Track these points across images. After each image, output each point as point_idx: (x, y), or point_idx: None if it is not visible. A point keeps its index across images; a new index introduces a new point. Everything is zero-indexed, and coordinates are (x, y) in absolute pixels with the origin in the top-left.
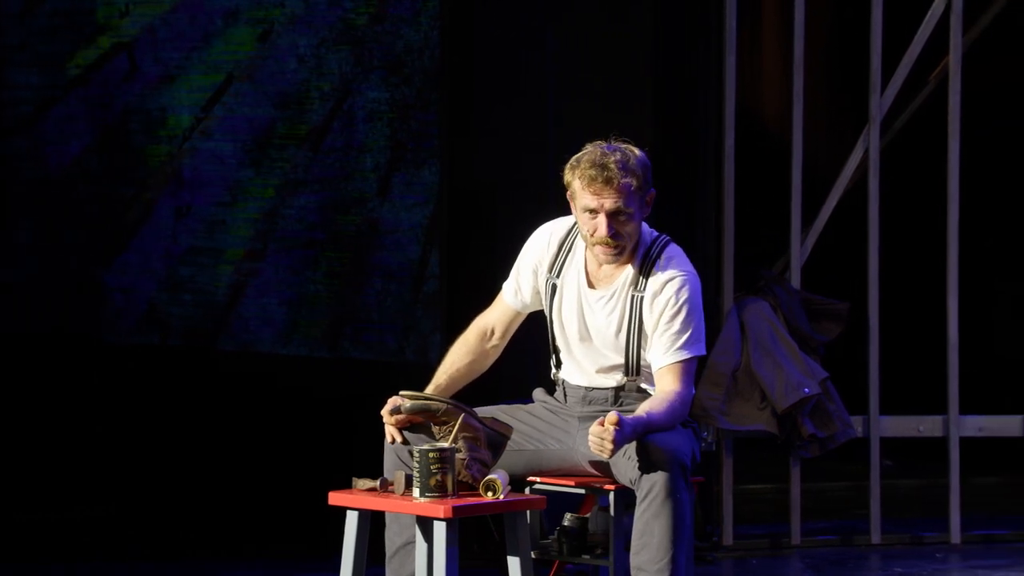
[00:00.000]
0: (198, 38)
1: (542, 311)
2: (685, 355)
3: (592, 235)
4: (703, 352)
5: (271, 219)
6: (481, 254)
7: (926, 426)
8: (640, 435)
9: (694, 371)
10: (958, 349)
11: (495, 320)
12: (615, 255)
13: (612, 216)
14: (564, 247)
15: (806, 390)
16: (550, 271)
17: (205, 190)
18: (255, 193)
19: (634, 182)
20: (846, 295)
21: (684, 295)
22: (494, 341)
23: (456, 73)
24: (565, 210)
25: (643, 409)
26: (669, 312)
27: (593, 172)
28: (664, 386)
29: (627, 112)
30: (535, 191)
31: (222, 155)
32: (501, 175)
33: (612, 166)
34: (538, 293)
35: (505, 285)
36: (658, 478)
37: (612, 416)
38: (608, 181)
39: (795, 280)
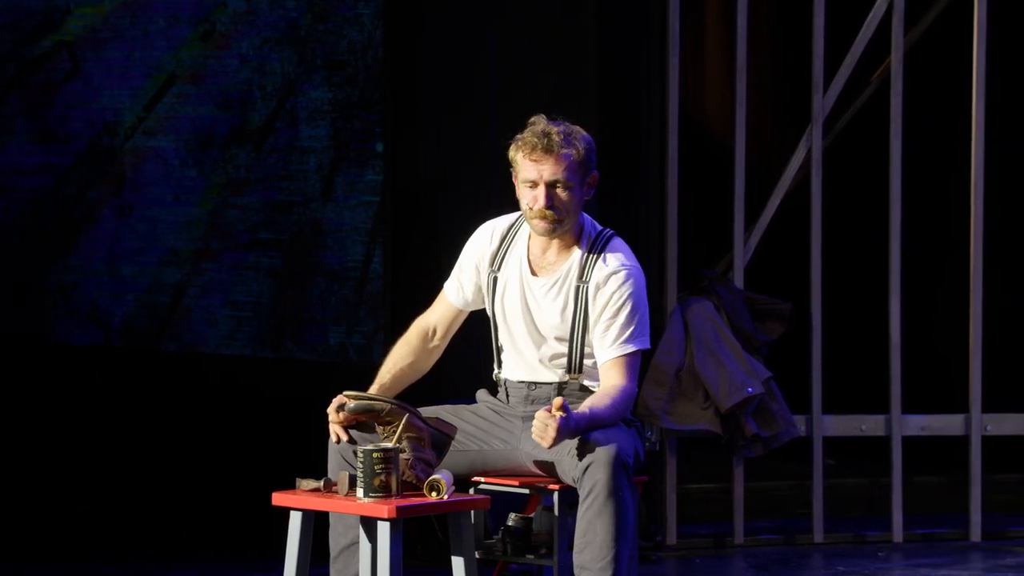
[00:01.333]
0: (140, 38)
1: (483, 310)
2: (630, 348)
3: (532, 207)
4: (647, 346)
5: (214, 219)
6: (424, 254)
7: (868, 425)
8: (583, 430)
9: (638, 365)
10: (900, 349)
11: (436, 319)
12: (552, 228)
13: (550, 187)
14: (506, 241)
15: (749, 390)
16: (491, 265)
17: (147, 190)
18: (198, 193)
19: (574, 153)
20: (789, 295)
21: (629, 288)
22: (436, 341)
23: (399, 73)
24: (508, 209)
25: (586, 405)
26: (614, 305)
27: (534, 140)
28: (608, 380)
29: (570, 113)
30: (479, 191)
31: (164, 155)
32: (445, 175)
33: (554, 136)
34: (480, 290)
35: (447, 284)
36: (600, 477)
37: (558, 401)
38: (548, 149)
39: (738, 280)
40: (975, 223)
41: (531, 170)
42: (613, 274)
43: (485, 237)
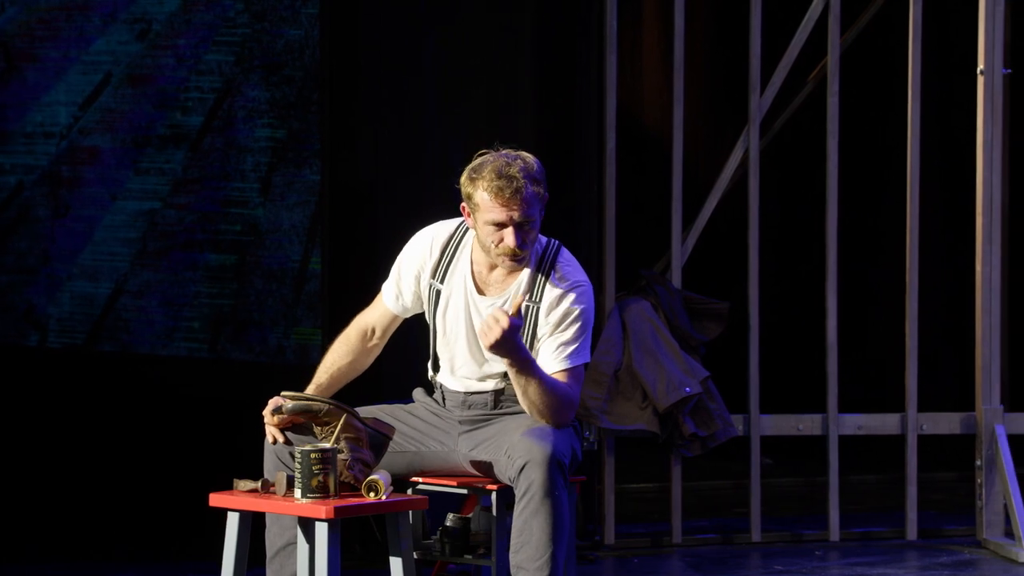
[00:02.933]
0: (76, 37)
1: (422, 315)
2: (576, 362)
3: (497, 246)
4: (588, 359)
5: (150, 219)
6: (363, 254)
7: (805, 424)
8: (523, 365)
9: (582, 376)
10: (837, 348)
11: (375, 320)
12: (520, 263)
13: (519, 227)
14: (447, 252)
15: (687, 389)
16: (433, 276)
17: (84, 190)
18: (134, 193)
19: (539, 190)
20: (727, 295)
21: (580, 307)
22: (375, 340)
23: (337, 73)
24: (447, 208)
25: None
26: (565, 323)
27: (500, 183)
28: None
29: (508, 113)
30: (417, 191)
31: (101, 155)
32: (383, 175)
33: (518, 175)
34: (420, 299)
35: (385, 287)
36: (536, 477)
37: (519, 302)
38: (517, 192)
39: (676, 280)
40: (911, 223)
41: (500, 213)
42: (566, 294)
43: (424, 247)
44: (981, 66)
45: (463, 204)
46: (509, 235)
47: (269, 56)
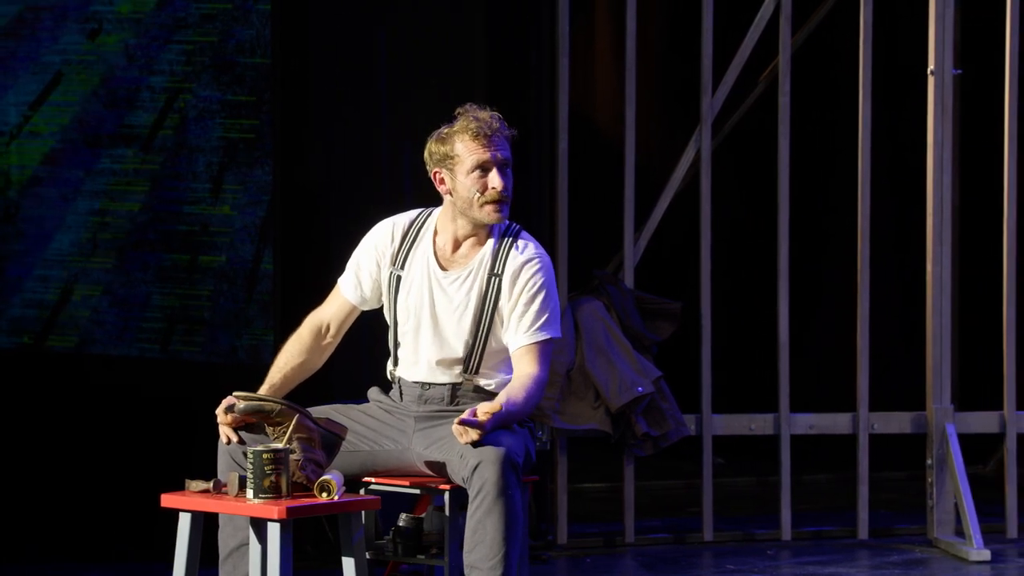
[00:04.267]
0: (26, 36)
1: (378, 309)
2: (544, 336)
3: (484, 192)
4: (559, 335)
5: (102, 219)
6: (315, 254)
7: (757, 424)
8: (502, 422)
9: (550, 353)
10: (788, 348)
11: (330, 316)
12: (506, 211)
13: (502, 168)
14: (408, 238)
15: (640, 389)
16: (393, 263)
17: (34, 190)
18: (85, 192)
19: (511, 135)
20: (679, 295)
21: (543, 277)
22: (328, 338)
23: (289, 72)
24: (399, 208)
25: (502, 398)
26: (528, 293)
27: (478, 125)
28: (522, 368)
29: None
30: (369, 190)
31: (51, 154)
32: (335, 174)
33: (491, 117)
34: (379, 287)
35: (341, 280)
36: (489, 476)
37: (485, 407)
38: (495, 131)
39: (628, 280)
40: (861, 223)
41: (483, 153)
42: (528, 262)
43: (386, 234)
44: (931, 67)
45: (435, 172)
46: (495, 176)
47: (220, 56)
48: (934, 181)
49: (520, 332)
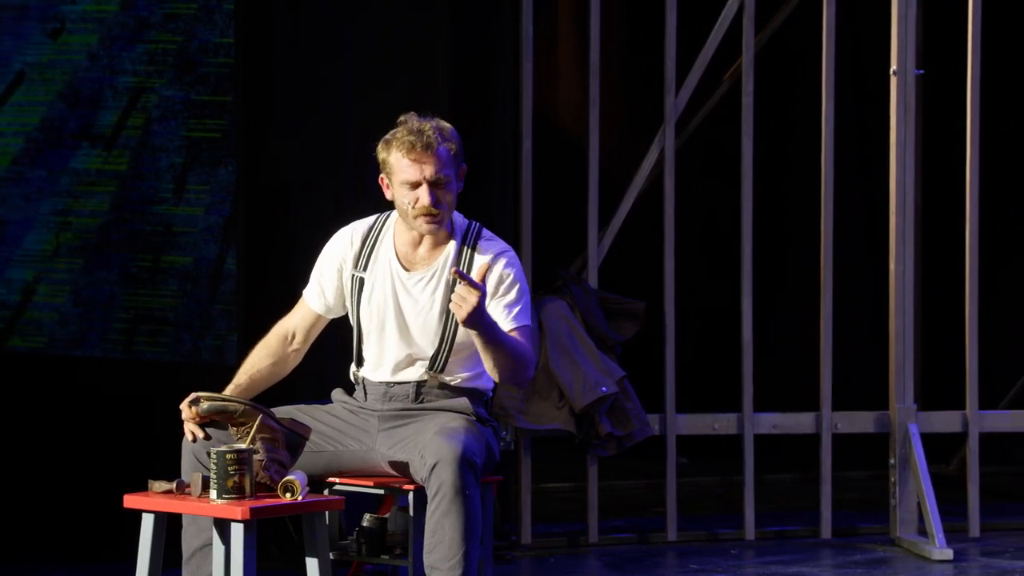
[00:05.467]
0: None
1: (344, 316)
2: (524, 322)
3: (414, 206)
4: (531, 323)
5: (64, 218)
6: (279, 254)
7: (721, 424)
8: (491, 333)
9: (530, 337)
10: (752, 347)
11: (296, 324)
12: (437, 225)
13: (433, 185)
14: (368, 242)
15: (603, 389)
16: (355, 267)
17: None
18: (47, 192)
19: (452, 147)
20: (643, 294)
21: (513, 269)
22: (295, 345)
23: (252, 72)
24: (363, 208)
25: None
26: (503, 285)
27: (412, 139)
28: None
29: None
30: (334, 190)
31: (14, 154)
32: (299, 175)
33: (429, 132)
34: (342, 294)
35: (306, 291)
36: (446, 476)
37: (484, 266)
38: (427, 147)
39: (592, 280)
40: (825, 222)
41: (412, 170)
42: (497, 256)
43: (345, 240)
44: (894, 67)
45: (381, 176)
46: (424, 192)
47: (184, 56)
48: (897, 181)
49: (501, 320)
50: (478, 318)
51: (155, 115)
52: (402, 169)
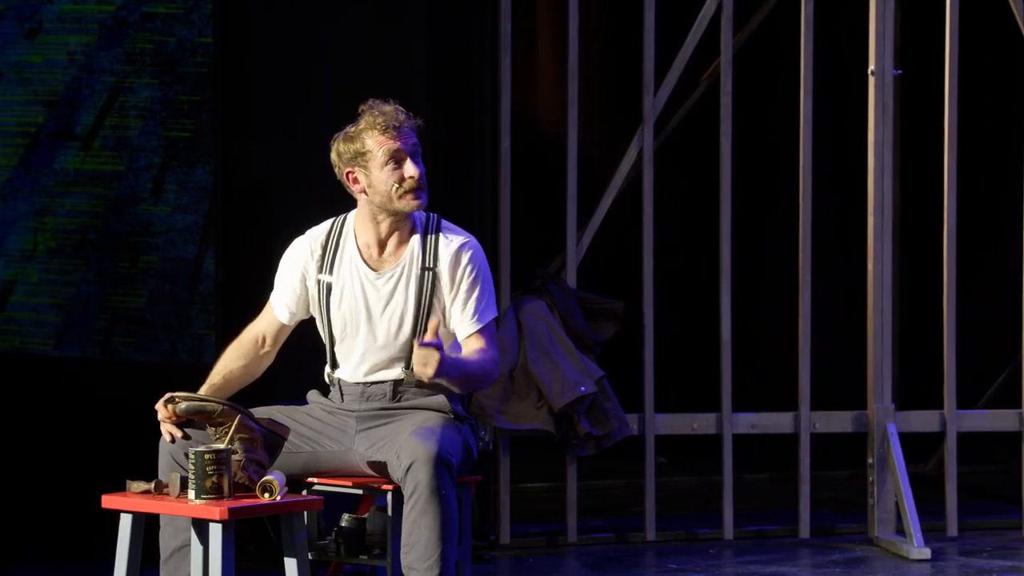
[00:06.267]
0: None
1: (311, 320)
2: (488, 318)
3: (402, 182)
4: (496, 313)
5: (41, 219)
6: (257, 254)
7: (700, 423)
8: (455, 374)
9: (495, 331)
10: (731, 347)
11: (265, 329)
12: (425, 200)
13: (414, 157)
14: (329, 245)
15: (582, 388)
16: (320, 271)
17: None
18: (24, 192)
19: (418, 125)
20: (621, 294)
21: (478, 260)
22: (266, 348)
23: (231, 72)
24: (340, 209)
25: (463, 361)
26: (468, 280)
27: (383, 119)
28: (471, 347)
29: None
30: (311, 191)
31: None
32: (277, 175)
33: (396, 111)
34: (307, 301)
35: (272, 299)
36: (422, 476)
37: (434, 323)
38: (400, 122)
39: (571, 279)
40: (803, 221)
41: (394, 144)
42: (461, 249)
43: (304, 249)
44: (872, 67)
45: (348, 172)
46: (410, 165)
47: (162, 55)
48: (875, 180)
49: (465, 320)
50: (444, 370)
51: (133, 115)
52: (381, 146)
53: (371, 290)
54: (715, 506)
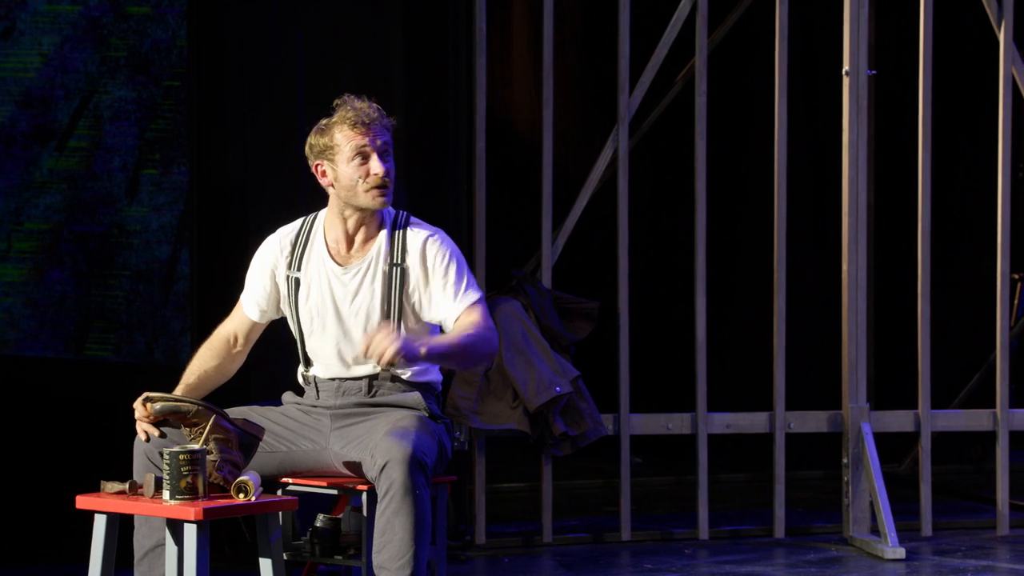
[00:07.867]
0: None
1: (283, 319)
2: (474, 296)
3: (366, 178)
4: (482, 294)
5: (16, 219)
6: (232, 254)
7: (675, 423)
8: (441, 349)
9: (487, 309)
10: (706, 347)
11: (236, 328)
12: (389, 197)
13: (382, 154)
14: (299, 243)
15: (557, 388)
16: (289, 268)
17: None
18: (0, 193)
19: (391, 122)
20: (597, 294)
21: (448, 247)
22: (238, 347)
23: (205, 72)
24: (316, 209)
25: (443, 337)
26: (442, 266)
27: (354, 115)
28: (465, 323)
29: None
30: (286, 191)
31: None
32: (252, 175)
33: (370, 107)
34: (277, 299)
35: (242, 297)
36: (396, 476)
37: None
38: (371, 119)
39: (546, 279)
40: (778, 221)
41: (362, 140)
42: (427, 240)
43: (274, 246)
44: (846, 67)
45: (316, 164)
46: (375, 162)
47: (136, 56)
48: (849, 181)
49: (449, 301)
50: (409, 346)
51: (107, 115)
52: (349, 141)
53: (338, 285)
54: (690, 506)
